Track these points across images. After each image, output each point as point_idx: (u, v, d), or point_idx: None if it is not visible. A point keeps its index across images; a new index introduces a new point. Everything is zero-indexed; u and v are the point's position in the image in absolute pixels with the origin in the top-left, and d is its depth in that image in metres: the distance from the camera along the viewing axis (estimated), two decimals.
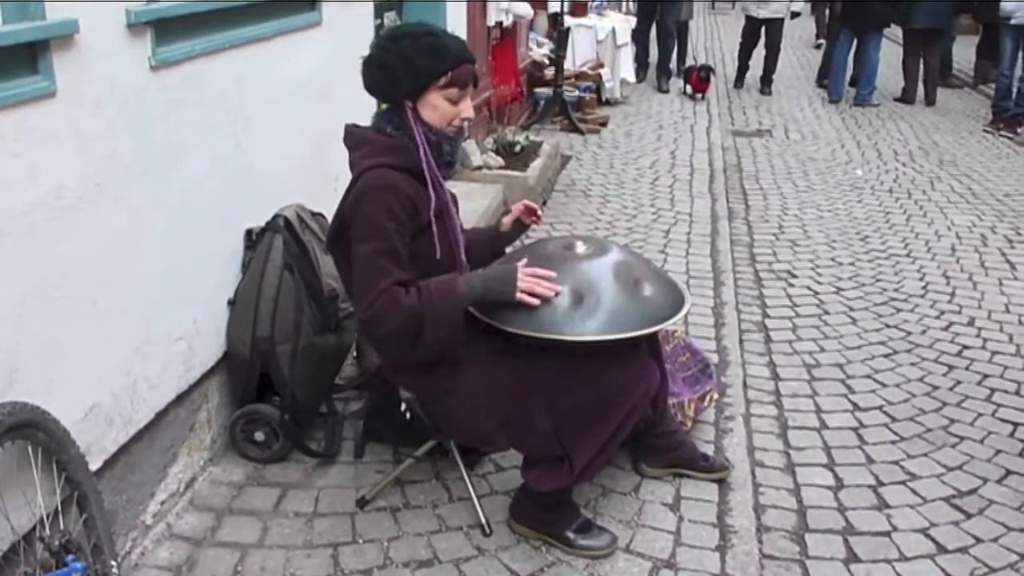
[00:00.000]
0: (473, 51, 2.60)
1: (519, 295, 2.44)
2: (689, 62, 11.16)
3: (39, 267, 2.22)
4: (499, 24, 7.05)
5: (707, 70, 10.35)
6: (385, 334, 2.44)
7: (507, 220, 2.93)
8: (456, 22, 5.67)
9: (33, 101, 2.15)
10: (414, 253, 2.49)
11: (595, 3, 10.90)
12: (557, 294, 2.47)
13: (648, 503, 3.06)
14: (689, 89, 10.52)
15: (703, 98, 10.31)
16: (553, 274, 2.50)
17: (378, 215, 2.40)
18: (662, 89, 10.93)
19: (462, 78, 2.51)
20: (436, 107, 2.50)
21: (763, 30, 10.90)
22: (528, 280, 2.46)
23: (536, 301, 2.45)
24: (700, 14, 13.40)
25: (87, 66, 2.32)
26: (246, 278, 3.16)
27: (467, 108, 2.56)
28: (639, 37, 11.09)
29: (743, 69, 11.57)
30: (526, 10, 7.69)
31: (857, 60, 10.58)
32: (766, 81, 11.31)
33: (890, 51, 11.82)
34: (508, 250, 2.97)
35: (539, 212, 2.91)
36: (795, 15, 11.07)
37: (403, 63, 2.44)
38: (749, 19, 11.07)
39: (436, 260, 2.51)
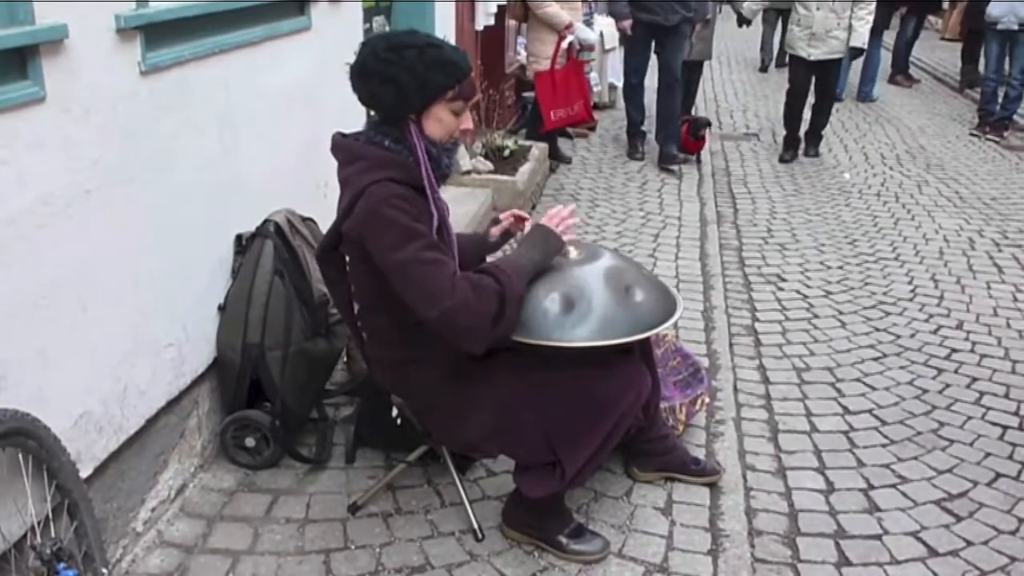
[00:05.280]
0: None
1: (565, 239, 2.61)
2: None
3: (27, 274, 2.21)
4: (571, 46, 6.96)
5: (701, 125, 7.69)
6: (471, 320, 2.32)
7: (496, 231, 2.88)
8: (444, 26, 5.67)
9: (21, 107, 2.14)
10: None
11: (588, 11, 10.81)
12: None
13: (640, 507, 3.06)
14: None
15: (698, 160, 7.76)
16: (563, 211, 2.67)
17: (403, 219, 2.32)
18: (667, 160, 7.50)
19: (468, 91, 2.45)
20: (441, 120, 2.43)
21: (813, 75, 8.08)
22: (556, 222, 2.61)
23: (575, 235, 2.70)
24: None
25: (76, 72, 2.30)
26: (236, 284, 3.15)
27: (468, 119, 2.51)
28: (631, 93, 7.88)
29: (794, 136, 8.32)
30: (591, 34, 7.55)
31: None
32: (814, 139, 8.42)
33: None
34: (489, 258, 2.92)
35: (527, 218, 2.88)
36: (858, 52, 8.09)
37: (411, 77, 2.34)
38: (796, 62, 8.07)
39: None
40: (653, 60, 7.60)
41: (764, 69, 13.02)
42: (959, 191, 7.32)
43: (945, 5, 15.28)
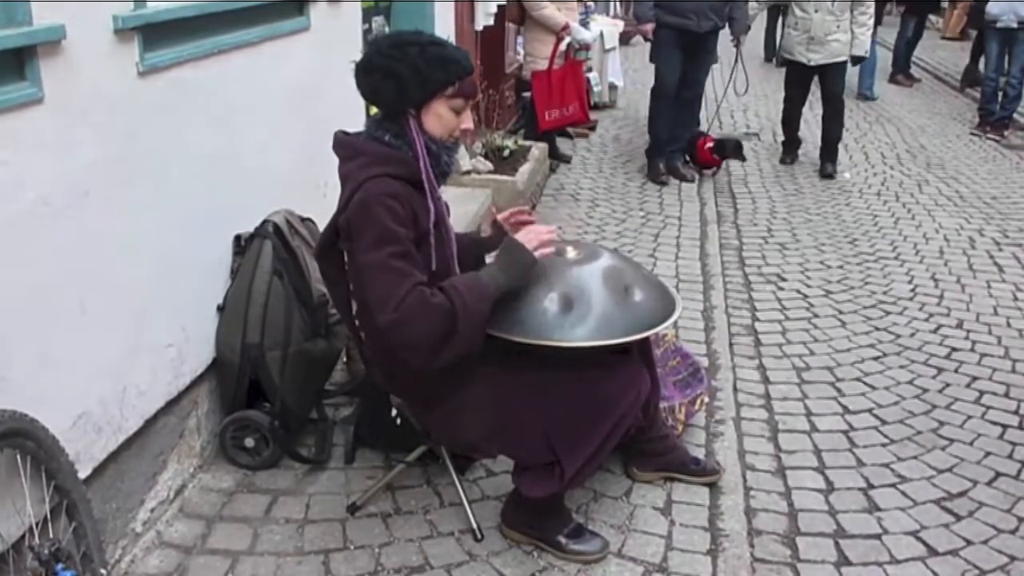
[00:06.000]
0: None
1: (536, 255, 2.48)
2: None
3: (27, 275, 2.21)
4: (570, 46, 6.90)
5: (734, 147, 7.30)
6: (414, 337, 2.31)
7: (486, 226, 2.86)
8: (444, 26, 5.67)
9: (20, 107, 2.14)
10: None
11: (584, 11, 10.78)
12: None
13: (639, 507, 3.06)
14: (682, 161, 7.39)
15: (713, 174, 7.46)
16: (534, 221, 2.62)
17: (387, 221, 2.34)
18: (672, 172, 7.21)
19: (468, 89, 2.49)
20: (440, 117, 2.46)
21: (816, 80, 7.71)
22: (532, 239, 2.49)
23: (550, 250, 2.54)
24: None
25: (74, 72, 2.30)
26: (235, 284, 3.15)
27: (468, 119, 2.54)
28: (661, 108, 7.21)
29: (793, 139, 8.10)
30: (587, 35, 7.44)
31: None
32: (829, 154, 7.74)
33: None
34: (489, 258, 2.91)
35: (530, 220, 2.83)
36: (858, 60, 7.69)
37: (412, 72, 2.38)
38: (793, 66, 7.72)
39: (432, 272, 2.47)
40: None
41: (770, 60, 13.17)
42: (959, 190, 7.31)
43: (944, 4, 15.30)
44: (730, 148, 7.30)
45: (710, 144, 7.32)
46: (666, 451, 3.17)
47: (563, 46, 6.84)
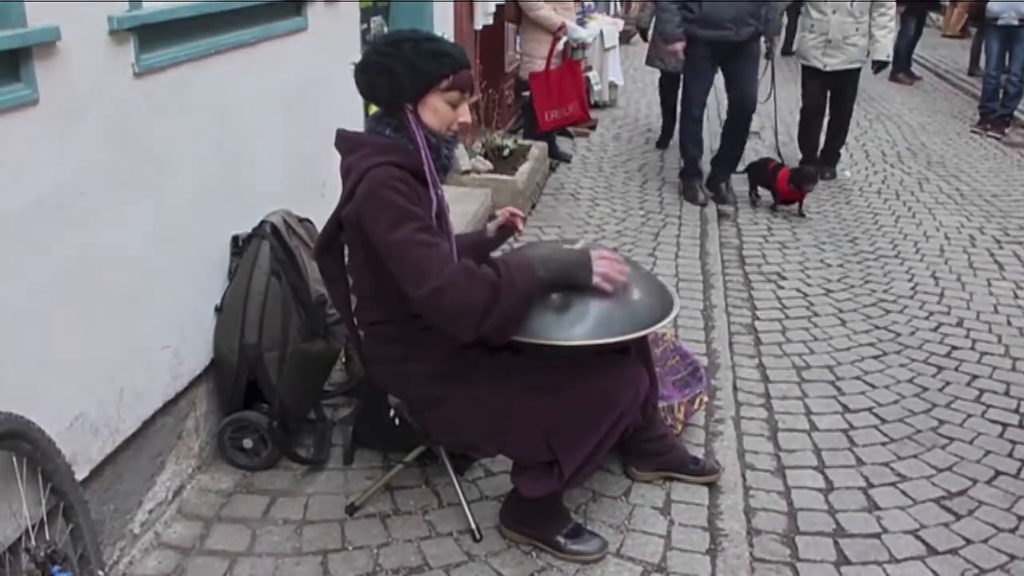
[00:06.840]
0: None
1: (596, 279, 2.45)
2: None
3: (22, 276, 2.21)
4: (568, 47, 6.89)
5: (808, 179, 6.42)
6: (457, 304, 2.30)
7: (492, 226, 2.94)
8: (443, 26, 5.67)
9: (15, 109, 2.13)
10: None
11: (581, 9, 10.73)
12: (625, 286, 2.52)
13: (638, 507, 3.05)
14: (756, 194, 6.84)
15: (800, 212, 6.59)
16: (620, 258, 2.54)
17: (400, 201, 2.35)
18: (720, 200, 6.60)
19: (463, 82, 2.51)
20: (437, 110, 2.49)
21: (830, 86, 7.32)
22: (604, 263, 2.48)
23: (610, 287, 2.47)
24: None
25: (70, 74, 2.30)
26: (233, 285, 3.14)
27: (465, 113, 2.56)
28: (691, 128, 6.72)
29: (812, 148, 7.59)
30: (584, 34, 7.40)
31: None
32: (830, 158, 7.58)
33: None
34: (495, 255, 2.94)
35: (520, 226, 2.95)
36: (882, 65, 7.40)
37: (406, 66, 2.42)
38: (810, 73, 7.31)
39: None
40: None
41: (768, 57, 13.12)
42: (960, 188, 7.31)
43: (945, 2, 15.32)
44: (800, 175, 6.46)
45: (787, 175, 6.52)
46: (665, 451, 3.17)
47: (560, 46, 6.83)
